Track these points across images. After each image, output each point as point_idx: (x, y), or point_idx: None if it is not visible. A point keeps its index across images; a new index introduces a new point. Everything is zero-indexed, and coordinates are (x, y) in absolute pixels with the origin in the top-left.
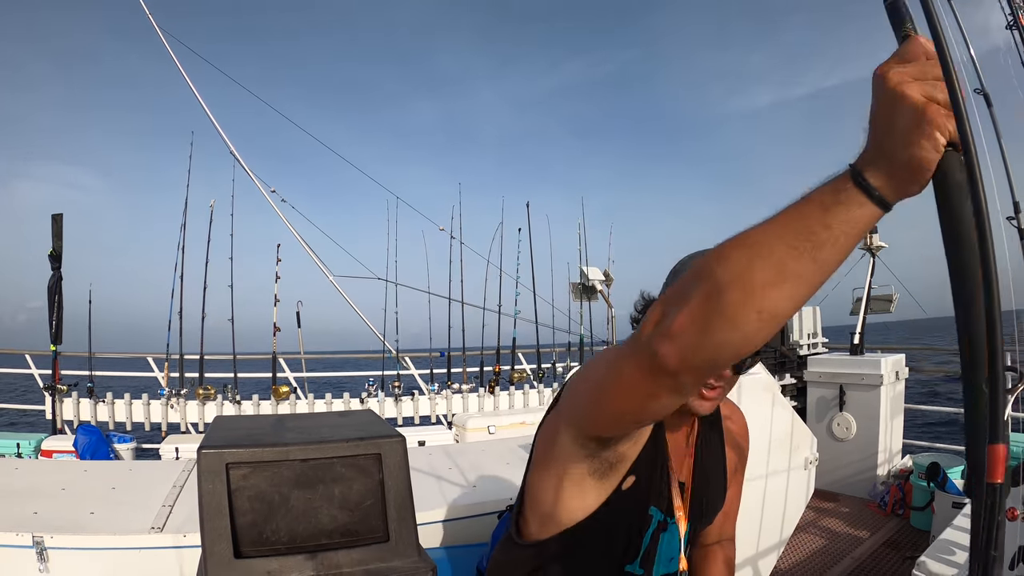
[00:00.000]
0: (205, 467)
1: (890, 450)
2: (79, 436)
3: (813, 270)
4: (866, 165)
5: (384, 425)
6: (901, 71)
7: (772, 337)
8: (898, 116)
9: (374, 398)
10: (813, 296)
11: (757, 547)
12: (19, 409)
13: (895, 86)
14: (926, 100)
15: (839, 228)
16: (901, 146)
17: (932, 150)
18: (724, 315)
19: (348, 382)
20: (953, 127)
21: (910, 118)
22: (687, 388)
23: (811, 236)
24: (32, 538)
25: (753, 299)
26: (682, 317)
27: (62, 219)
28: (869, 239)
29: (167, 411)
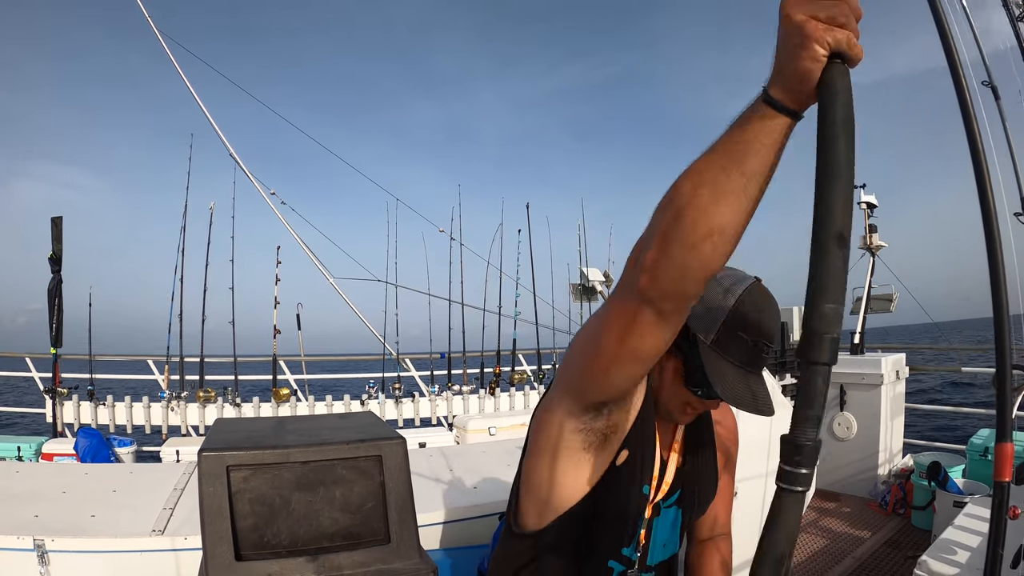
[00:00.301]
0: (206, 470)
1: (891, 449)
2: (80, 439)
3: (744, 183)
4: (770, 82)
5: (385, 427)
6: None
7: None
8: (785, 34)
9: (374, 400)
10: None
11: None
12: (19, 412)
13: (784, 10)
14: (806, 18)
15: (756, 139)
16: (787, 60)
17: (810, 60)
18: (680, 240)
19: (348, 384)
20: (834, 38)
21: (793, 34)
22: (669, 317)
23: (735, 153)
24: (33, 541)
25: (700, 221)
26: (651, 251)
27: (62, 222)
28: (869, 238)
29: (167, 414)
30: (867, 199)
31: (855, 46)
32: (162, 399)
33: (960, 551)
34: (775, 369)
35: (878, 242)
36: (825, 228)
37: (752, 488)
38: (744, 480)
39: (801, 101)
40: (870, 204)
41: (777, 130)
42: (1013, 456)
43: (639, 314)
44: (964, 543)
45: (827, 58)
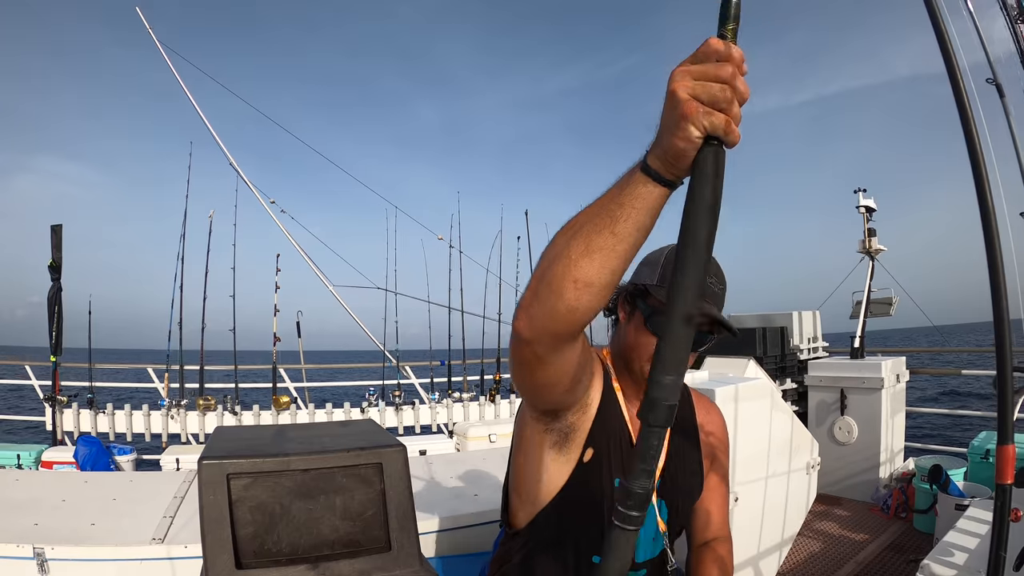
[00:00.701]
0: (206, 478)
1: (892, 453)
2: (79, 447)
3: (614, 242)
4: (650, 150)
5: (385, 434)
6: (684, 69)
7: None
8: (668, 109)
9: (375, 407)
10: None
11: (759, 552)
12: (19, 420)
13: (670, 83)
14: (688, 97)
15: (630, 204)
16: (665, 134)
17: (684, 140)
18: (550, 286)
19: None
20: (711, 123)
21: (674, 111)
22: (544, 355)
23: (610, 214)
24: (33, 549)
25: (568, 271)
26: (527, 293)
27: (61, 230)
28: (868, 242)
29: (167, 422)
30: (866, 203)
31: (732, 132)
32: (162, 407)
33: (962, 554)
34: (775, 374)
35: (877, 246)
36: (675, 307)
37: (752, 492)
38: (744, 484)
39: (676, 174)
40: (869, 208)
41: (651, 197)
42: (1015, 459)
43: (522, 352)
44: (966, 546)
45: (703, 139)
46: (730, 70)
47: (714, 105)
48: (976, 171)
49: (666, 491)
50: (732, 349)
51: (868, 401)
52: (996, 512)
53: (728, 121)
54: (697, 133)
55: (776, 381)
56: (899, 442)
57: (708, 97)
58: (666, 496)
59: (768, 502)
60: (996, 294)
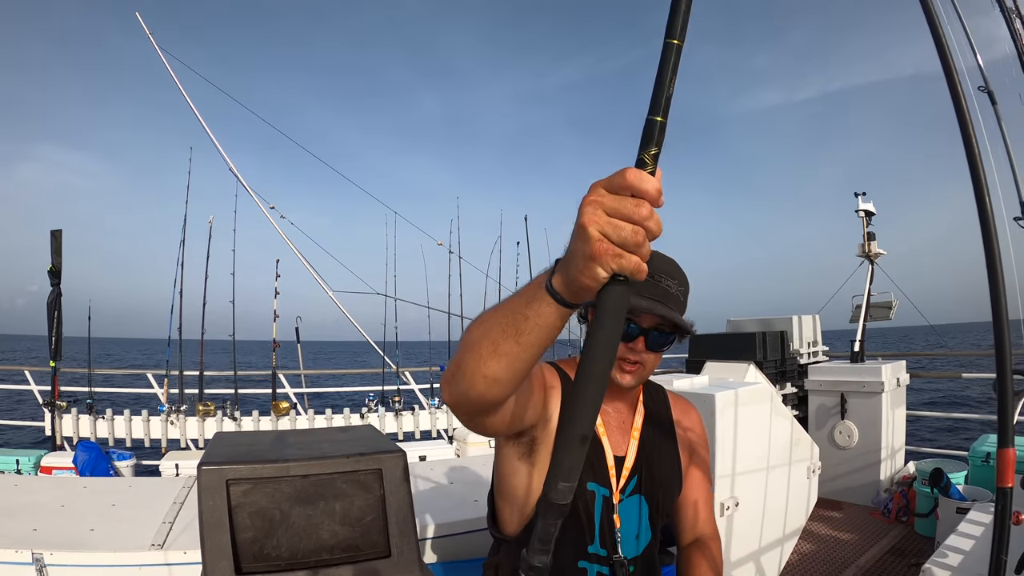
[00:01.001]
0: (205, 484)
1: (892, 457)
2: (79, 452)
3: (518, 350)
4: (556, 272)
5: (385, 440)
6: (597, 200)
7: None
8: (578, 242)
9: (374, 413)
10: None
11: (760, 556)
12: (18, 425)
13: (581, 214)
14: (598, 236)
15: (534, 320)
16: (573, 267)
17: (591, 279)
18: (463, 375)
19: (348, 397)
20: (619, 265)
21: (583, 248)
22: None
23: (516, 324)
24: (32, 555)
25: (479, 366)
26: (450, 368)
27: (61, 235)
28: (868, 246)
29: (167, 427)
30: (865, 207)
31: (641, 272)
32: (161, 412)
33: (964, 558)
34: (775, 379)
35: (877, 250)
36: (571, 426)
37: (753, 496)
38: (745, 488)
39: (578, 300)
40: (868, 212)
41: (553, 316)
42: (1015, 462)
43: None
44: (968, 550)
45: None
46: (646, 211)
47: (624, 247)
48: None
49: (645, 488)
50: (732, 354)
51: (868, 405)
52: (997, 516)
53: (638, 263)
54: (604, 274)
55: (776, 385)
56: (900, 446)
57: (619, 239)
58: (646, 492)
59: (769, 506)
60: (995, 299)
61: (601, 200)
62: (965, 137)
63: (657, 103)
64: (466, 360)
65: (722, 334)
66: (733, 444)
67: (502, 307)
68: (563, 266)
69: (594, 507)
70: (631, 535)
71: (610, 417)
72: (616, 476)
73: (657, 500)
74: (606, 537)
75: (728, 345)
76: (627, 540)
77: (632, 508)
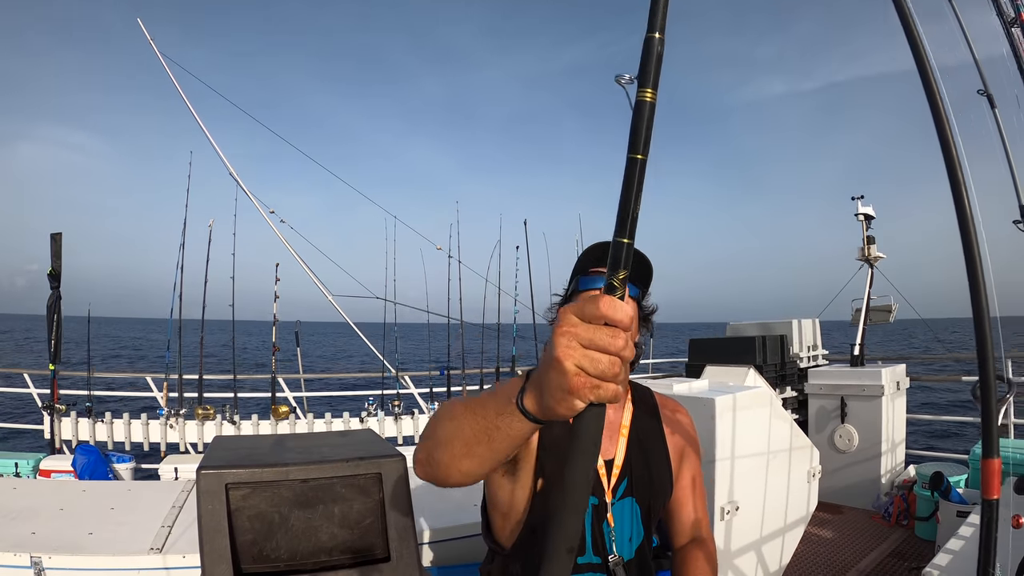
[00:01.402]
0: (204, 488)
1: (893, 460)
2: (78, 456)
3: (491, 453)
4: (526, 390)
5: (384, 444)
6: (571, 332)
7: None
8: (552, 371)
9: (374, 417)
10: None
11: (760, 560)
12: (17, 428)
13: (557, 347)
14: (576, 370)
15: (505, 431)
16: (549, 396)
17: (568, 410)
18: (438, 466)
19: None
20: (598, 396)
21: (559, 380)
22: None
23: (488, 432)
24: (30, 558)
25: (453, 463)
26: (419, 455)
27: (61, 238)
28: (867, 250)
29: (166, 431)
30: (864, 211)
31: (618, 398)
32: (160, 416)
33: (964, 561)
34: (774, 382)
35: (876, 254)
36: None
37: (753, 500)
38: (745, 493)
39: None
40: (867, 216)
41: (526, 429)
42: (1001, 472)
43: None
44: (968, 553)
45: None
46: (621, 342)
47: (602, 378)
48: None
49: (636, 489)
50: (732, 358)
51: (868, 409)
52: (983, 528)
53: (616, 390)
54: (582, 405)
55: (776, 389)
56: (900, 449)
57: (596, 371)
58: (637, 494)
59: (768, 510)
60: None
61: (575, 331)
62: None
63: (623, 224)
64: (440, 455)
65: (722, 338)
66: (733, 448)
67: (472, 411)
68: (535, 388)
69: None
70: (624, 537)
71: None
72: (607, 477)
73: (648, 502)
74: (598, 544)
75: (728, 349)
76: (621, 542)
77: (624, 510)
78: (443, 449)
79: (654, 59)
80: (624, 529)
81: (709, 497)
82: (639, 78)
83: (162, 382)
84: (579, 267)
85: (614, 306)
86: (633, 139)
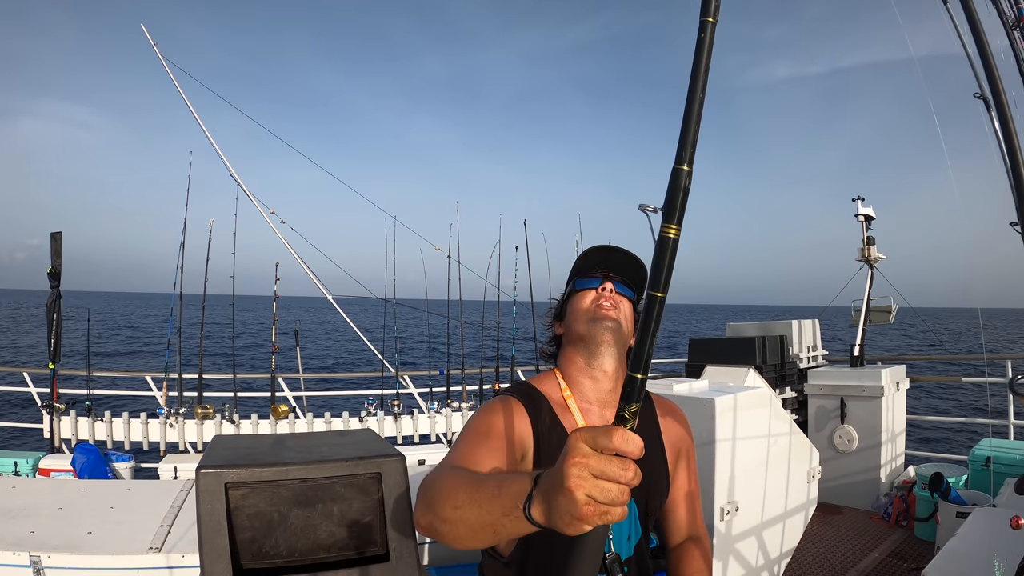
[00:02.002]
0: (204, 487)
1: (892, 461)
2: (77, 455)
3: (496, 538)
4: (534, 500)
5: (384, 444)
6: (583, 462)
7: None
8: (563, 498)
9: (373, 417)
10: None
11: (759, 561)
12: (16, 427)
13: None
14: (586, 500)
15: (511, 528)
16: (556, 515)
17: (575, 531)
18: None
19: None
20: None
21: (568, 506)
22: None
23: (493, 526)
24: (29, 557)
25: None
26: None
27: (61, 237)
28: (867, 250)
29: (165, 430)
30: (864, 211)
31: (623, 518)
32: (160, 415)
33: (964, 562)
34: (774, 383)
35: (876, 254)
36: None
37: (752, 501)
38: (744, 493)
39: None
40: (868, 216)
41: (528, 530)
42: None
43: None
44: (967, 554)
45: None
46: (631, 473)
47: (613, 504)
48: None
49: (634, 490)
50: (732, 358)
51: (868, 409)
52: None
53: (623, 513)
54: (590, 528)
55: (776, 390)
56: (899, 450)
57: (607, 500)
58: (635, 494)
59: (768, 511)
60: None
61: (587, 462)
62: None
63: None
64: (445, 532)
65: (722, 338)
66: (732, 448)
67: (478, 504)
68: (544, 501)
69: None
70: (623, 536)
71: (593, 417)
72: None
73: (646, 500)
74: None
75: (728, 349)
76: (619, 541)
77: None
78: (448, 528)
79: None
80: (623, 528)
81: (709, 497)
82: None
83: (161, 381)
84: (576, 270)
85: (626, 439)
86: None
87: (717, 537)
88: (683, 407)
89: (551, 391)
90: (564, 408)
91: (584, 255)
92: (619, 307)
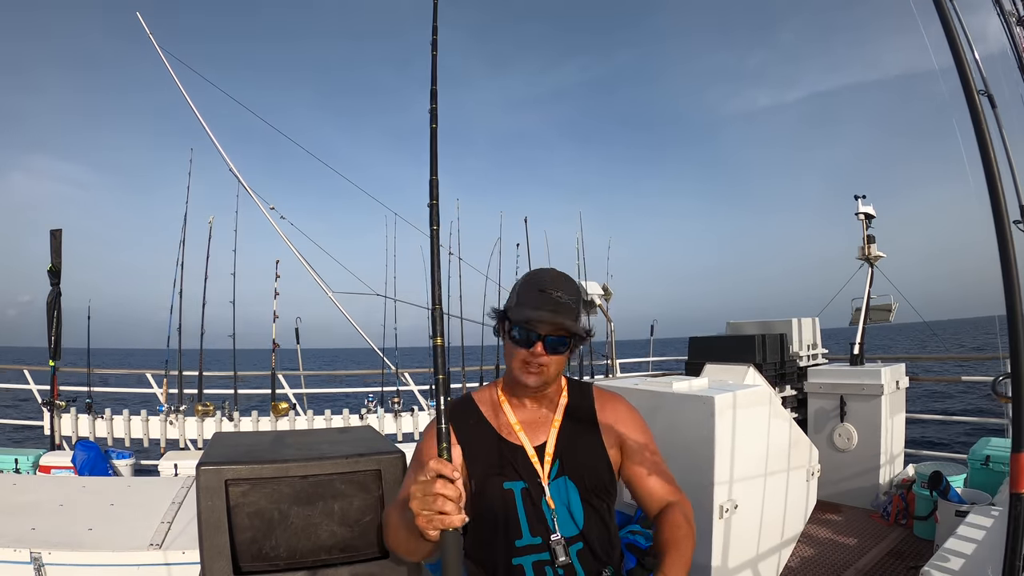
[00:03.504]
0: (204, 484)
1: (892, 460)
2: (77, 452)
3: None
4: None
5: (384, 441)
6: (416, 486)
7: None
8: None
9: (373, 414)
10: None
11: (759, 559)
12: (17, 424)
13: (410, 499)
14: (418, 511)
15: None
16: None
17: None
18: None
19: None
20: (437, 526)
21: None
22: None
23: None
24: (30, 554)
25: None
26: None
27: (61, 235)
28: (867, 249)
29: (166, 427)
30: (865, 210)
31: (455, 523)
32: (160, 412)
33: (963, 561)
34: (774, 381)
35: (876, 252)
36: None
37: (751, 499)
38: (744, 491)
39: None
40: (868, 215)
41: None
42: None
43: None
44: (967, 553)
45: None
46: (448, 490)
47: (441, 512)
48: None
49: (568, 469)
50: (732, 356)
51: (868, 408)
52: (1011, 521)
53: (451, 521)
54: (434, 534)
55: (775, 388)
56: (899, 448)
57: (435, 509)
58: (570, 473)
59: (767, 509)
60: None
61: (417, 485)
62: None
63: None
64: (396, 551)
65: (721, 336)
66: (732, 446)
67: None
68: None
69: (515, 503)
70: (565, 515)
71: (527, 414)
72: (540, 462)
73: (583, 480)
74: (535, 525)
75: (727, 347)
76: (563, 520)
77: (561, 489)
78: (401, 552)
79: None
80: (560, 509)
81: (708, 495)
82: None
83: (162, 379)
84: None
85: (440, 466)
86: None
87: (716, 536)
88: (683, 405)
89: (489, 396)
90: (497, 406)
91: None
92: (547, 367)
